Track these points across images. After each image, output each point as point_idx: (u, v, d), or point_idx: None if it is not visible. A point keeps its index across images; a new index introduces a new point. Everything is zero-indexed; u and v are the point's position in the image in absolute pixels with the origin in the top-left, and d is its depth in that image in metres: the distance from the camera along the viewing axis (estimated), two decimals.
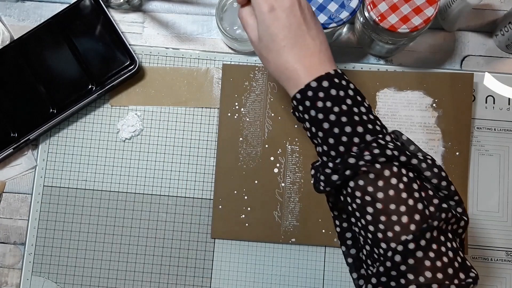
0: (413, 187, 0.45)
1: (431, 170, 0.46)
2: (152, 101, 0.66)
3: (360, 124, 0.46)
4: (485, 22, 0.67)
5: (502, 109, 0.65)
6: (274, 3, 0.47)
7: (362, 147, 0.45)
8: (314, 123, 0.47)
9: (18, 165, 0.66)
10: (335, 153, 0.46)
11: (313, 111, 0.46)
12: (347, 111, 0.46)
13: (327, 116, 0.46)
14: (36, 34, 0.65)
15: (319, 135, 0.47)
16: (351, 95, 0.47)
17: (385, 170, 0.44)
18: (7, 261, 0.64)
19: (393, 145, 0.46)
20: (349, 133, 0.45)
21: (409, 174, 0.45)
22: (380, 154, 0.44)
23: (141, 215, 0.65)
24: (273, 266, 0.64)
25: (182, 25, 0.68)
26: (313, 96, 0.46)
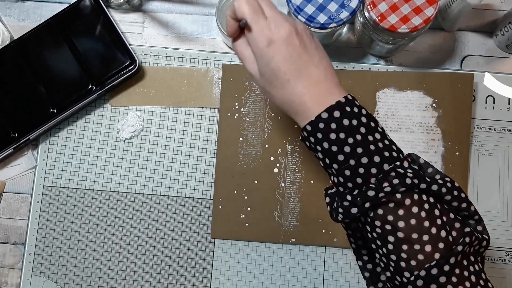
0: (435, 214, 0.44)
1: (451, 193, 0.45)
2: (152, 101, 0.66)
3: (376, 153, 0.44)
4: (485, 22, 0.67)
5: (502, 109, 0.65)
6: (271, 35, 0.44)
7: (380, 178, 0.43)
8: (328, 155, 0.45)
9: (18, 165, 0.66)
10: (352, 184, 0.44)
11: (326, 143, 0.44)
12: (362, 140, 0.44)
13: (341, 148, 0.44)
14: (36, 34, 0.65)
15: (334, 167, 0.45)
16: (364, 122, 0.44)
17: (406, 199, 0.43)
18: (7, 261, 0.64)
19: (411, 172, 0.44)
20: (366, 164, 0.43)
21: (429, 200, 0.44)
22: (399, 183, 0.43)
23: (141, 215, 0.65)
24: (273, 266, 0.64)
25: (182, 25, 0.68)
26: (325, 128, 0.44)
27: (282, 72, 0.45)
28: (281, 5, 0.68)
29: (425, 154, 0.64)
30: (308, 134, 0.45)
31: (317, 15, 0.57)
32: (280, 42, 0.44)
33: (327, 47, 0.67)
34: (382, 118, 0.64)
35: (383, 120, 0.64)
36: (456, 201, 0.45)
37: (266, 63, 0.45)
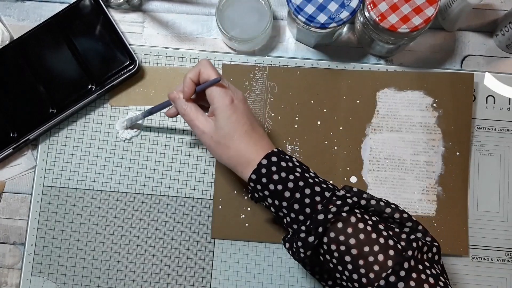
0: (379, 228, 0.48)
1: (389, 206, 0.51)
2: (152, 101, 0.66)
3: (316, 184, 0.51)
4: (486, 22, 0.67)
5: (502, 109, 0.65)
6: (232, 95, 0.52)
7: (325, 203, 0.49)
8: (276, 195, 0.51)
9: (18, 165, 0.66)
10: (303, 216, 0.50)
11: (272, 185, 0.51)
12: (301, 176, 0.51)
13: (285, 185, 0.50)
14: (36, 34, 0.65)
15: (284, 205, 0.51)
16: (298, 165, 0.52)
17: (351, 217, 0.48)
18: (7, 261, 0.64)
19: (350, 195, 0.50)
20: (309, 194, 0.50)
21: (372, 218, 0.49)
22: (342, 204, 0.49)
23: (141, 215, 0.65)
24: (273, 266, 0.64)
25: (182, 25, 0.68)
26: (267, 172, 0.51)
27: (241, 124, 0.52)
28: (281, 5, 0.68)
29: (426, 154, 0.64)
30: (254, 183, 0.52)
31: (317, 14, 0.57)
32: (239, 100, 0.53)
33: (327, 47, 0.67)
34: (382, 118, 0.64)
35: (383, 120, 0.64)
36: (397, 212, 0.51)
37: (228, 116, 0.52)
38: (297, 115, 0.65)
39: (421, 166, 0.64)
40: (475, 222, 0.63)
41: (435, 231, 0.62)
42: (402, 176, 0.64)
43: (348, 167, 0.64)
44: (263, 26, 0.62)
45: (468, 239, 0.63)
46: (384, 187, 0.63)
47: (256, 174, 0.51)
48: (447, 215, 0.63)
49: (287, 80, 0.65)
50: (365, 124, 0.65)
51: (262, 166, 0.51)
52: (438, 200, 0.63)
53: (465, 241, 0.62)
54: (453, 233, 0.62)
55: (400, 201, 0.63)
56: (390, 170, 0.64)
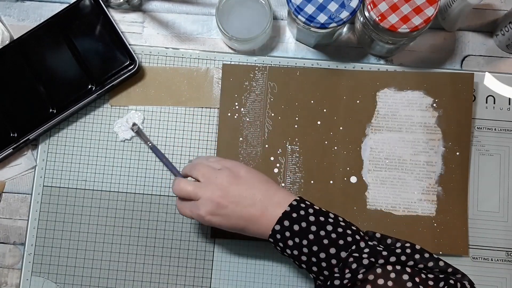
0: (403, 279, 0.47)
1: (412, 258, 0.49)
2: (152, 101, 0.66)
3: (331, 245, 0.49)
4: (486, 22, 0.67)
5: (502, 109, 0.65)
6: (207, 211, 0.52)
7: (341, 267, 0.49)
8: (294, 258, 0.52)
9: (18, 165, 0.66)
10: (323, 277, 0.50)
11: (288, 250, 0.51)
12: (315, 239, 0.50)
13: (301, 250, 0.50)
14: (36, 34, 0.65)
15: (303, 267, 0.52)
16: (312, 221, 0.50)
17: (370, 275, 0.48)
18: (7, 261, 0.64)
19: (368, 251, 0.49)
20: (325, 258, 0.49)
21: (395, 268, 0.48)
22: (358, 266, 0.48)
23: (141, 215, 0.65)
24: (273, 266, 0.64)
25: (182, 25, 0.68)
26: (282, 238, 0.51)
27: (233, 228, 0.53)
28: (281, 5, 0.68)
29: (426, 154, 0.64)
30: (274, 244, 0.52)
31: (317, 14, 0.57)
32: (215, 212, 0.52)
33: (327, 47, 0.67)
34: (382, 118, 0.64)
35: (383, 120, 0.64)
36: (421, 263, 0.49)
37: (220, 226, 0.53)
38: (297, 115, 0.65)
39: (421, 166, 0.64)
40: (475, 222, 0.63)
41: (435, 231, 0.62)
42: (402, 176, 0.64)
43: (348, 167, 0.64)
44: (263, 26, 0.62)
45: (468, 239, 0.63)
46: (384, 187, 0.63)
47: (273, 239, 0.52)
48: (447, 215, 0.63)
49: (287, 80, 0.65)
50: (365, 124, 0.65)
51: (276, 232, 0.51)
52: (438, 200, 0.63)
53: (465, 241, 0.62)
54: (453, 233, 0.62)
55: (400, 201, 0.63)
56: (390, 170, 0.64)
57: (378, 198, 0.63)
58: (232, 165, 0.55)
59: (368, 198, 0.63)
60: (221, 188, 0.52)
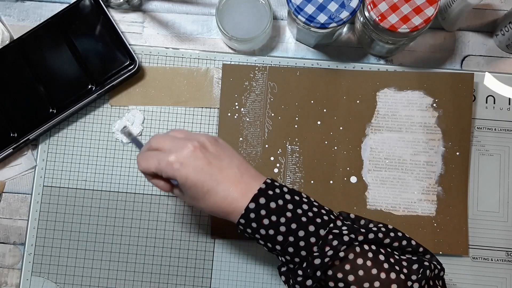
0: (379, 259, 0.47)
1: (388, 235, 0.48)
2: (152, 101, 0.66)
3: (309, 223, 0.47)
4: (486, 22, 0.67)
5: (502, 109, 0.65)
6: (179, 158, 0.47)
7: (321, 244, 0.47)
8: (268, 239, 0.48)
9: (18, 165, 0.66)
10: (299, 258, 0.47)
11: (263, 230, 0.47)
12: (293, 216, 0.47)
13: (277, 229, 0.47)
14: (36, 34, 0.65)
15: (277, 248, 0.48)
16: (289, 199, 0.48)
17: (349, 254, 0.46)
18: (7, 261, 0.64)
19: (346, 229, 0.47)
20: (303, 237, 0.47)
21: (372, 248, 0.47)
22: (339, 243, 0.46)
23: (141, 215, 0.65)
24: (273, 266, 0.63)
25: (182, 25, 0.68)
26: (256, 217, 0.47)
27: (199, 186, 0.47)
28: (281, 5, 0.68)
29: (426, 154, 0.64)
30: (244, 227, 0.48)
31: (317, 14, 0.57)
32: (186, 160, 0.47)
33: (327, 47, 0.67)
34: (382, 118, 0.64)
35: (383, 120, 0.64)
36: (396, 241, 0.48)
37: (184, 181, 0.47)
38: (297, 115, 0.65)
39: (421, 166, 0.64)
40: (475, 222, 0.63)
41: (435, 231, 0.62)
42: (402, 176, 0.64)
43: (348, 167, 0.64)
44: (263, 26, 0.62)
45: (468, 239, 0.63)
46: (384, 187, 0.63)
47: (245, 219, 0.47)
48: (447, 215, 0.63)
49: (287, 80, 0.65)
50: (365, 124, 0.65)
51: (250, 210, 0.47)
52: (438, 200, 0.63)
53: (465, 241, 0.62)
54: (453, 233, 0.62)
55: (400, 201, 0.63)
56: (390, 170, 0.64)
57: (378, 198, 0.63)
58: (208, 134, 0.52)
59: (368, 198, 0.63)
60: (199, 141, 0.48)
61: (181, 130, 0.51)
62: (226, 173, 0.48)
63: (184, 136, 0.50)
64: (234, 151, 0.51)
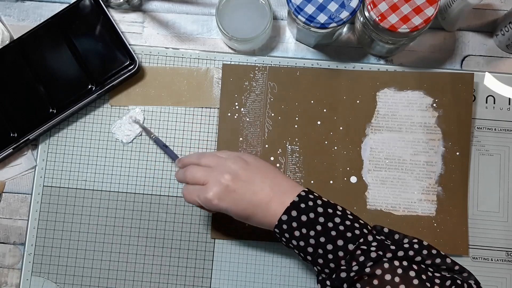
0: (409, 275, 0.47)
1: (420, 253, 0.49)
2: (152, 101, 0.66)
3: (339, 237, 0.49)
4: (486, 22, 0.67)
5: (502, 109, 0.65)
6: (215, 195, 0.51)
7: (348, 259, 0.48)
8: (300, 250, 0.50)
9: (18, 165, 0.66)
10: (329, 270, 0.49)
11: (294, 241, 0.50)
12: (323, 230, 0.49)
13: (307, 242, 0.49)
14: (36, 34, 0.65)
15: (309, 259, 0.50)
16: (320, 212, 0.50)
17: (377, 270, 0.47)
18: (7, 261, 0.64)
19: (376, 245, 0.48)
20: (332, 250, 0.48)
21: (403, 264, 0.47)
22: (366, 259, 0.47)
23: (141, 215, 0.65)
24: (273, 266, 0.64)
25: (182, 25, 0.68)
26: (288, 228, 0.50)
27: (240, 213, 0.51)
28: (281, 5, 0.68)
29: (426, 154, 0.64)
30: (279, 236, 0.51)
31: (317, 14, 0.57)
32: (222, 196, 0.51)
33: (327, 47, 0.67)
34: (382, 118, 0.64)
35: (383, 120, 0.64)
36: (429, 259, 0.49)
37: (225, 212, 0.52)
38: (297, 115, 0.65)
39: (421, 166, 0.64)
40: (475, 222, 0.63)
41: (435, 231, 0.62)
42: (402, 176, 0.64)
43: (348, 167, 0.64)
44: (263, 26, 0.62)
45: (468, 239, 0.63)
46: (384, 187, 0.63)
47: (279, 229, 0.51)
48: (447, 215, 0.63)
49: (287, 80, 0.65)
50: (365, 124, 0.65)
51: (283, 222, 0.50)
52: (438, 200, 0.63)
53: (465, 241, 0.62)
54: (453, 233, 0.62)
55: (400, 201, 0.63)
56: (390, 170, 0.64)
57: (378, 198, 0.63)
58: (239, 153, 0.55)
59: (368, 198, 0.63)
60: (230, 172, 0.52)
61: (211, 155, 0.54)
62: (260, 196, 0.51)
63: (215, 163, 0.53)
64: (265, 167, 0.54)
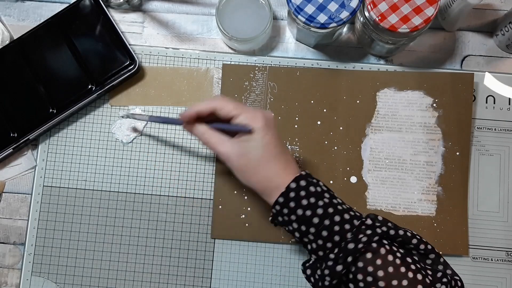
0: (408, 261, 0.48)
1: (415, 237, 0.50)
2: (152, 101, 0.66)
3: (344, 211, 0.49)
4: (486, 22, 0.67)
5: (502, 109, 0.65)
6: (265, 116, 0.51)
7: (355, 231, 0.48)
8: (304, 221, 0.49)
9: (18, 165, 0.66)
10: (331, 244, 0.48)
11: (300, 210, 0.49)
12: (330, 203, 0.49)
13: (315, 211, 0.49)
14: (36, 34, 0.65)
15: (311, 231, 0.49)
16: (325, 190, 0.51)
17: (381, 248, 0.47)
18: (7, 261, 0.64)
19: (379, 223, 0.49)
20: (339, 222, 0.48)
21: (400, 250, 0.48)
22: (372, 234, 0.47)
23: (141, 215, 0.65)
24: (273, 266, 0.64)
25: (182, 25, 0.68)
26: (296, 196, 0.49)
27: (272, 147, 0.51)
28: (281, 5, 0.68)
29: (426, 154, 0.64)
30: (281, 206, 0.50)
31: (317, 14, 0.57)
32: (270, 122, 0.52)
33: (327, 47, 0.67)
34: (382, 118, 0.64)
35: (383, 120, 0.64)
36: (422, 243, 0.49)
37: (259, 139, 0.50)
38: (297, 115, 0.65)
39: (421, 166, 0.64)
40: (475, 222, 0.63)
41: (435, 231, 0.62)
42: (402, 176, 0.64)
43: (348, 167, 0.64)
44: (263, 26, 0.62)
45: (468, 239, 0.63)
46: (384, 187, 0.63)
47: (284, 197, 0.49)
48: (447, 215, 0.63)
49: (287, 80, 0.65)
50: (365, 124, 0.65)
51: (291, 190, 0.49)
52: (438, 200, 0.63)
53: (465, 241, 0.62)
54: (453, 233, 0.62)
55: (400, 201, 0.63)
56: (390, 170, 0.64)
57: (378, 198, 0.63)
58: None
59: (368, 198, 0.63)
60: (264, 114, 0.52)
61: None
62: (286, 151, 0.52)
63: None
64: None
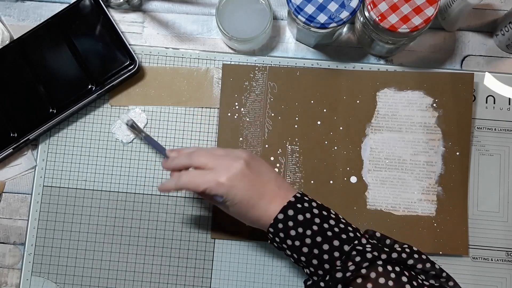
0: (402, 281, 0.47)
1: (412, 257, 0.49)
2: (152, 101, 0.66)
3: (334, 237, 0.49)
4: (486, 22, 0.67)
5: (502, 109, 0.65)
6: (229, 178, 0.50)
7: (344, 259, 0.48)
8: (294, 250, 0.50)
9: (18, 165, 0.66)
10: (322, 271, 0.49)
11: (289, 240, 0.50)
12: (319, 230, 0.49)
13: (303, 241, 0.49)
14: (36, 34, 0.65)
15: (302, 260, 0.50)
16: (316, 213, 0.50)
17: (371, 273, 0.47)
18: (7, 261, 0.64)
19: (370, 246, 0.48)
20: (327, 250, 0.48)
21: (395, 269, 0.48)
22: (361, 260, 0.47)
23: (141, 215, 0.65)
24: (273, 266, 0.64)
25: (182, 25, 0.68)
26: (284, 227, 0.49)
27: (245, 203, 0.50)
28: (281, 5, 0.68)
29: (426, 154, 0.64)
30: (273, 235, 0.51)
31: (317, 14, 0.57)
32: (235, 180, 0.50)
33: (327, 47, 0.67)
34: (382, 118, 0.64)
35: (383, 120, 0.64)
36: (420, 263, 0.49)
37: (230, 200, 0.50)
38: (297, 115, 0.65)
39: (421, 166, 0.64)
40: (475, 222, 0.63)
41: (435, 231, 0.62)
42: (402, 176, 0.64)
43: (348, 167, 0.64)
44: (263, 26, 0.62)
45: (468, 239, 0.63)
46: (384, 187, 0.63)
47: (273, 228, 0.50)
48: (447, 215, 0.63)
49: (287, 80, 0.65)
50: (365, 124, 0.65)
51: (279, 221, 0.50)
52: (438, 200, 0.63)
53: (465, 241, 0.62)
54: (453, 233, 0.62)
55: (400, 201, 0.63)
56: (390, 170, 0.64)
57: (378, 198, 0.63)
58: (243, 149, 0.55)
59: (368, 198, 0.63)
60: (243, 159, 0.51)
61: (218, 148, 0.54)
62: (267, 188, 0.51)
63: (224, 153, 0.52)
64: (268, 164, 0.54)
